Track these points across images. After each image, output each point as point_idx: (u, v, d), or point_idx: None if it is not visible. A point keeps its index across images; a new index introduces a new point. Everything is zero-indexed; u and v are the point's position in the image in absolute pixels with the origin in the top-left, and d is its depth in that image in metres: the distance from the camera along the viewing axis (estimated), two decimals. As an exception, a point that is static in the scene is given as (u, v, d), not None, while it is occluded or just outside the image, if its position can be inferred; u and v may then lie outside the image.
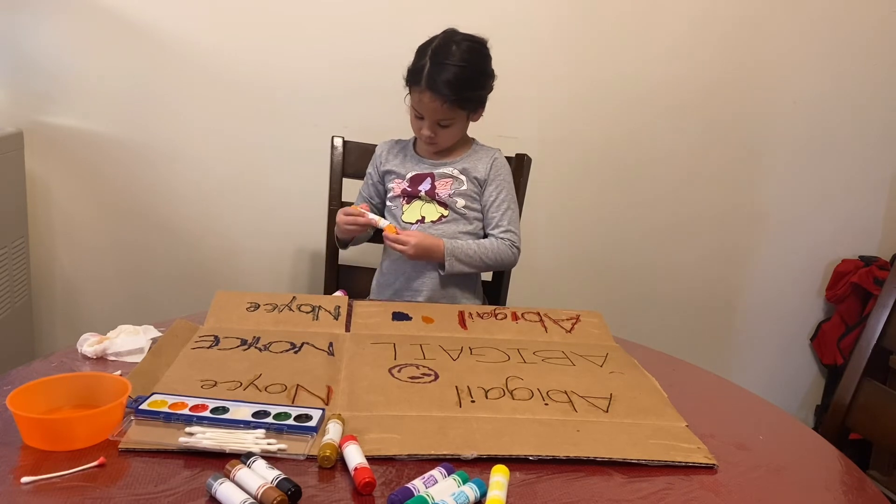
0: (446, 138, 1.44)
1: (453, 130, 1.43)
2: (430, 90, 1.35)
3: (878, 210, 2.21)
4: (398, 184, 1.49)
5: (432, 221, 1.46)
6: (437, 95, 1.35)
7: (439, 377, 0.99)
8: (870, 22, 2.06)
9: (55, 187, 1.92)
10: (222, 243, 2.01)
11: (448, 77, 1.35)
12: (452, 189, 1.46)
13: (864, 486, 0.84)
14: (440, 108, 1.37)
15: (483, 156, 1.49)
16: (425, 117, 1.40)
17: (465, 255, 1.42)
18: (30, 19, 1.80)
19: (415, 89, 1.39)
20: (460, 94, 1.37)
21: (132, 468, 0.73)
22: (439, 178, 1.47)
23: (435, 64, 1.35)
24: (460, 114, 1.41)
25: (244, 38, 1.88)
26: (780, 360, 2.31)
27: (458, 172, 1.47)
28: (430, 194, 1.46)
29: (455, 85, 1.35)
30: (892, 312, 1.14)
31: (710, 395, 1.08)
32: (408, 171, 1.49)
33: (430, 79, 1.35)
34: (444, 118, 1.40)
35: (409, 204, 1.48)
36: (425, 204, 1.47)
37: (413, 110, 1.42)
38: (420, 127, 1.42)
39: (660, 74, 2.03)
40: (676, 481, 0.79)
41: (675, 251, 2.17)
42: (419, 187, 1.47)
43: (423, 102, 1.38)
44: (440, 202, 1.47)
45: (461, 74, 1.36)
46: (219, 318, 1.15)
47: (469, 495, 0.70)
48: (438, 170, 1.48)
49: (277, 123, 1.94)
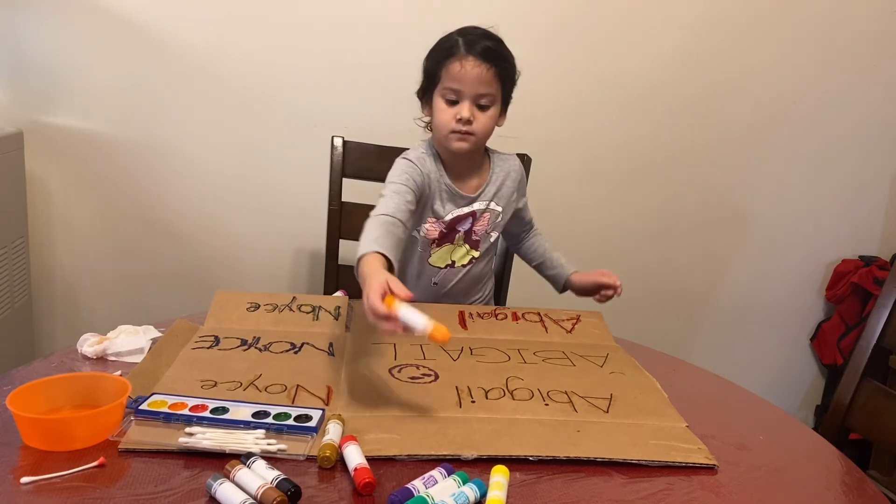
0: (483, 127, 1.27)
1: (490, 117, 1.27)
2: (472, 55, 1.22)
3: (878, 210, 2.22)
4: (433, 225, 1.34)
5: (463, 266, 1.38)
6: (481, 60, 1.22)
7: (439, 377, 0.99)
8: (870, 22, 2.06)
9: (55, 187, 1.92)
10: (222, 243, 2.01)
11: (489, 44, 1.24)
12: (490, 224, 1.37)
13: (864, 486, 0.84)
14: (484, 76, 1.22)
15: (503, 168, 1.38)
16: (464, 93, 1.24)
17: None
18: (30, 19, 1.80)
19: (450, 62, 1.24)
20: (504, 61, 1.26)
21: (132, 468, 0.73)
22: (479, 217, 1.35)
23: (467, 35, 1.25)
24: (498, 96, 1.27)
25: (244, 38, 1.88)
26: (780, 360, 2.31)
27: (495, 204, 1.36)
28: (466, 235, 1.36)
29: (497, 52, 1.25)
30: (892, 312, 1.14)
31: (710, 395, 1.08)
32: (447, 211, 1.34)
33: (470, 45, 1.23)
34: (486, 93, 1.24)
35: (440, 248, 1.36)
36: (457, 247, 1.37)
37: (444, 98, 1.26)
38: (455, 114, 1.24)
39: (661, 74, 2.03)
40: (677, 482, 0.79)
41: (675, 251, 2.17)
42: (458, 227, 1.35)
43: (466, 70, 1.22)
44: (473, 241, 1.37)
45: (499, 44, 1.26)
46: (219, 318, 1.15)
47: (469, 496, 0.70)
48: (478, 205, 1.35)
49: (277, 124, 1.94)
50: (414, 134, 1.51)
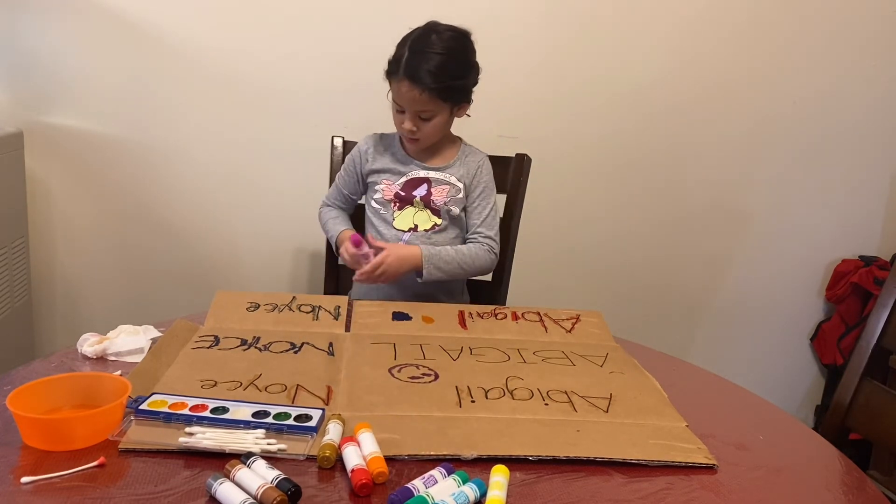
0: (428, 133, 1.38)
1: (435, 125, 1.37)
2: (408, 79, 1.30)
3: (878, 210, 2.21)
4: (389, 186, 1.44)
5: (425, 230, 1.42)
6: (415, 84, 1.30)
7: (439, 377, 0.99)
8: (870, 22, 2.06)
9: (55, 187, 1.92)
10: (222, 243, 2.01)
11: (426, 65, 1.30)
12: (448, 197, 1.43)
13: (864, 486, 0.84)
14: (419, 98, 1.32)
15: (472, 160, 1.46)
16: (405, 109, 1.35)
17: (443, 262, 1.38)
18: (30, 19, 1.80)
19: (393, 80, 1.34)
20: (440, 82, 1.31)
21: (132, 468, 0.73)
22: (436, 185, 1.43)
23: (413, 52, 1.31)
24: (442, 106, 1.35)
25: (244, 38, 1.88)
26: (780, 360, 2.31)
27: (456, 180, 1.44)
28: (424, 201, 1.43)
29: (434, 73, 1.30)
30: (892, 312, 1.14)
31: (710, 395, 1.08)
32: (400, 173, 1.44)
33: (409, 67, 1.30)
34: (424, 109, 1.34)
35: (402, 210, 1.43)
36: (418, 211, 1.43)
37: (394, 104, 1.37)
38: (401, 121, 1.37)
39: (661, 74, 2.03)
40: (676, 481, 0.79)
41: (675, 251, 2.17)
42: (414, 192, 1.43)
43: (402, 92, 1.32)
44: (433, 209, 1.43)
45: (441, 62, 1.31)
46: (219, 318, 1.15)
47: (469, 495, 0.70)
48: (434, 175, 1.44)
49: (277, 123, 1.94)
50: (414, 134, 1.51)
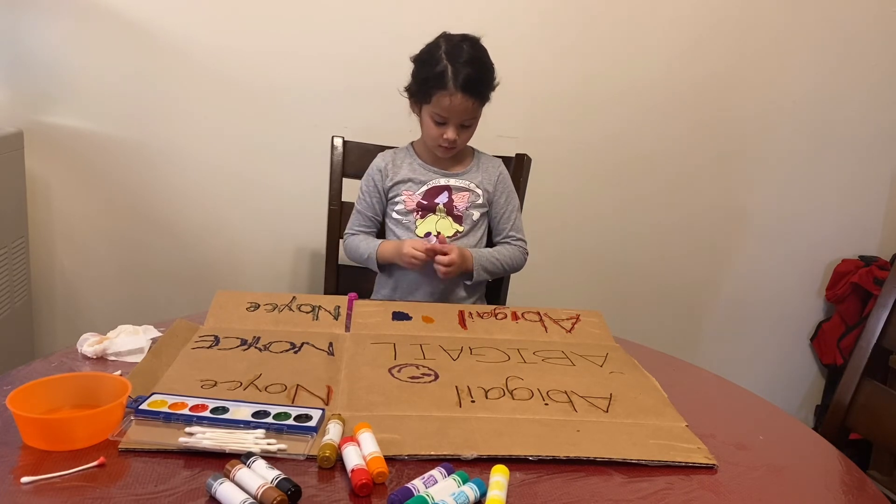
0: (464, 140, 1.43)
1: (471, 131, 1.43)
2: (462, 91, 1.33)
3: (878, 210, 2.22)
4: (410, 196, 1.46)
5: (448, 237, 1.44)
6: (469, 95, 1.34)
7: (439, 377, 0.99)
8: (869, 22, 2.06)
9: (55, 187, 1.92)
10: (222, 243, 2.01)
11: (474, 76, 1.34)
12: (469, 202, 1.46)
13: (864, 486, 0.84)
14: (470, 108, 1.36)
15: (489, 167, 1.50)
16: (451, 121, 1.37)
17: (490, 264, 1.44)
18: (30, 19, 1.80)
19: (440, 94, 1.35)
20: (486, 91, 1.38)
21: (132, 468, 0.73)
22: (457, 192, 1.46)
23: (456, 65, 1.34)
24: (480, 112, 1.41)
25: (244, 37, 1.88)
26: (780, 360, 2.32)
27: (475, 186, 1.47)
28: (447, 207, 1.45)
29: (482, 82, 1.36)
30: (892, 312, 1.14)
31: (710, 395, 1.08)
32: (421, 182, 1.46)
33: (459, 80, 1.33)
34: (469, 118, 1.39)
35: (424, 218, 1.45)
36: (440, 219, 1.45)
37: (432, 118, 1.38)
38: (441, 133, 1.38)
39: (661, 74, 2.03)
40: (676, 481, 0.79)
41: (675, 251, 2.18)
42: (436, 200, 1.45)
43: (453, 105, 1.35)
44: (455, 216, 1.46)
45: (485, 69, 1.37)
46: (219, 318, 1.15)
47: (469, 495, 0.70)
48: (454, 182, 1.46)
49: (277, 123, 1.94)
50: (414, 134, 1.51)
